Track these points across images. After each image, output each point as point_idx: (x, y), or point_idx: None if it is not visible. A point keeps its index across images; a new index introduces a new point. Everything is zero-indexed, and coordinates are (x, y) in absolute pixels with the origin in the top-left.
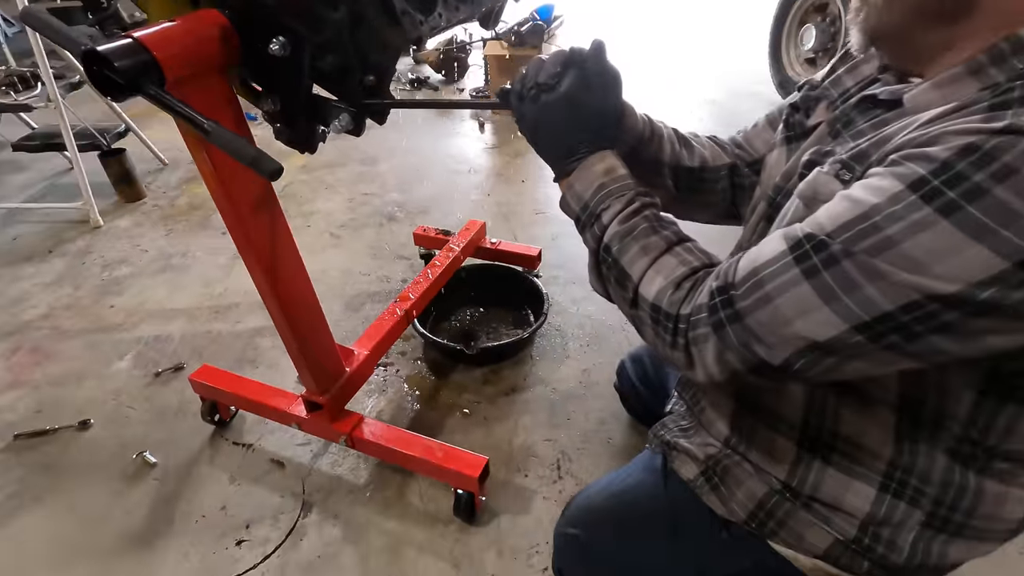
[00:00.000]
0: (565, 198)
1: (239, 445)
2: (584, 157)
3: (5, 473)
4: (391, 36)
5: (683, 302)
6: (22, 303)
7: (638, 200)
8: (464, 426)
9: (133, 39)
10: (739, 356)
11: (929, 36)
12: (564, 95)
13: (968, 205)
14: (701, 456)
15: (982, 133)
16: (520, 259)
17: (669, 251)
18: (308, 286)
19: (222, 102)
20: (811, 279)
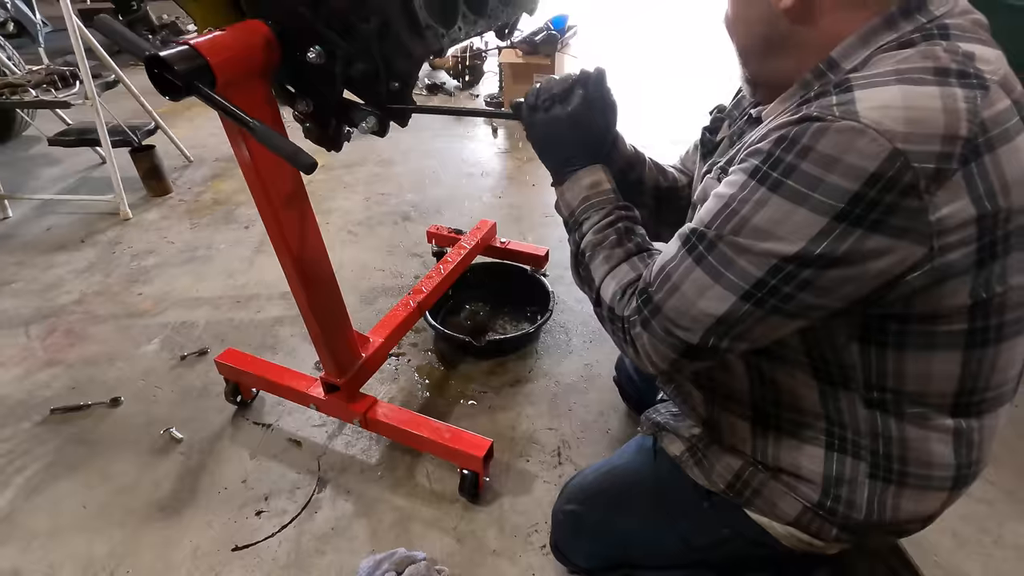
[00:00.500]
0: (557, 204)
1: (259, 425)
2: (577, 169)
3: (43, 444)
4: (415, 47)
5: (625, 306)
6: (56, 288)
7: (615, 213)
8: (470, 414)
9: (190, 46)
10: (668, 344)
11: (771, 68)
12: (568, 114)
13: (786, 179)
14: (687, 435)
15: (788, 125)
16: (529, 258)
17: (627, 260)
18: (331, 274)
19: (262, 103)
20: (700, 264)
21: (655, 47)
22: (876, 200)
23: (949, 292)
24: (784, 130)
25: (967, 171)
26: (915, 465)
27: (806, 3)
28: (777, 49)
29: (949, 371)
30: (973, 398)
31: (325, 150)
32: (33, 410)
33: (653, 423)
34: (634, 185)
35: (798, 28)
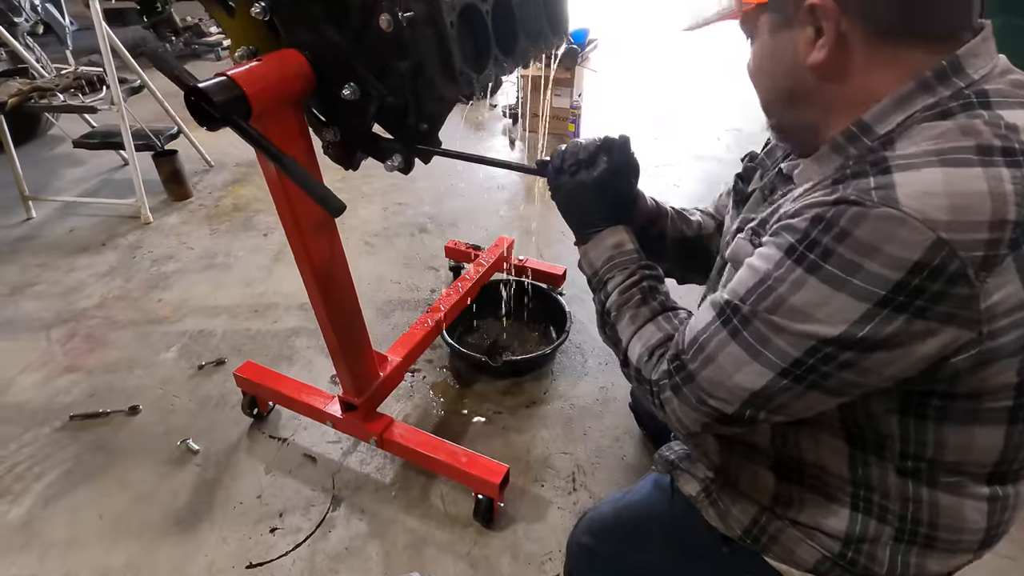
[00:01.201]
0: (580, 264)
1: (275, 439)
2: (601, 229)
3: (62, 450)
4: (447, 91)
5: (654, 369)
6: (78, 292)
7: (638, 273)
8: (485, 434)
9: (227, 77)
10: (701, 411)
11: (796, 120)
12: (594, 179)
13: (824, 263)
14: (701, 476)
15: (824, 205)
16: (546, 277)
17: (652, 320)
18: (354, 298)
19: (296, 134)
20: (736, 338)
21: (675, 60)
22: (921, 288)
23: (996, 372)
24: (820, 210)
25: (1018, 255)
26: (945, 531)
27: (836, 60)
28: (802, 103)
29: (991, 443)
30: (1013, 466)
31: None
32: (53, 416)
33: (667, 462)
34: (656, 240)
35: (826, 85)
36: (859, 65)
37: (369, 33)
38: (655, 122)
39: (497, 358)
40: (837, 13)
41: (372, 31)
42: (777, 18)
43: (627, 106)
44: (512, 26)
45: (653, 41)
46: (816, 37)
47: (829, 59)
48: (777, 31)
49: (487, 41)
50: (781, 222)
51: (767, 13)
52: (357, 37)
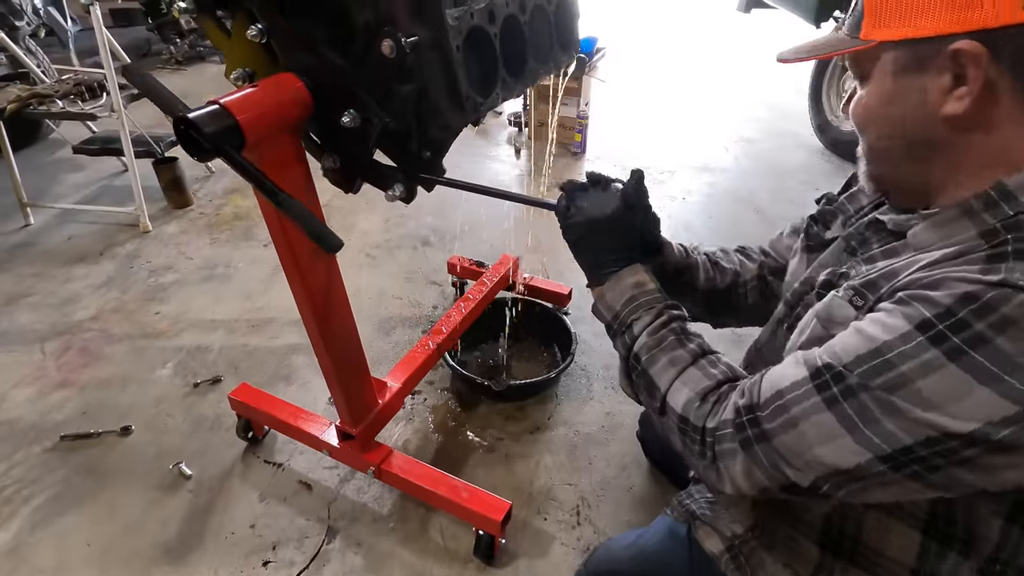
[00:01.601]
0: (597, 305)
1: (270, 464)
2: (617, 269)
3: (51, 473)
4: (452, 118)
5: (708, 415)
6: (73, 303)
7: (666, 313)
8: (486, 462)
9: (220, 105)
10: (768, 475)
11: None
12: (608, 216)
13: (972, 351)
14: (727, 533)
15: (980, 284)
16: (551, 296)
17: (695, 363)
18: (352, 328)
19: (291, 159)
20: (832, 408)
21: (681, 69)
22: None
23: None
24: (974, 288)
25: None
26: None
27: (978, 113)
28: (926, 157)
29: None
30: None
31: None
32: (44, 435)
33: (687, 511)
34: (684, 287)
35: (960, 139)
36: (1004, 121)
37: (371, 57)
38: (661, 131)
39: (500, 382)
40: (987, 60)
41: (374, 55)
42: (906, 58)
43: (634, 115)
44: (521, 47)
45: (660, 49)
46: (954, 85)
47: (971, 111)
48: (904, 73)
49: (495, 64)
50: (910, 290)
51: (893, 51)
52: (358, 61)
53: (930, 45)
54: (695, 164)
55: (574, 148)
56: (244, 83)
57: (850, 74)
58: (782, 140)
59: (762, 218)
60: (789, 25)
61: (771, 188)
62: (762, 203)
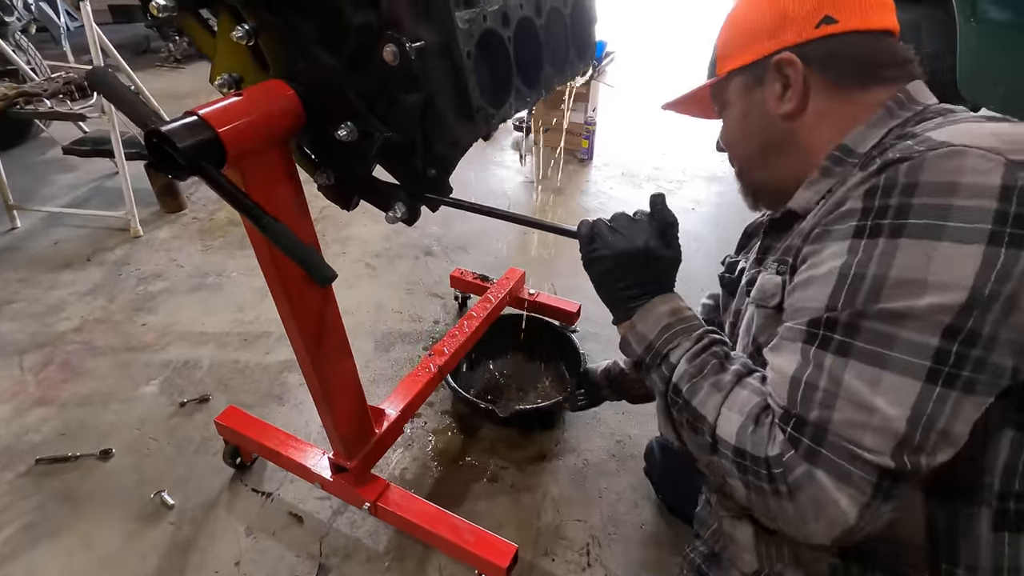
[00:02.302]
0: (627, 339)
1: (258, 492)
2: (647, 300)
3: (24, 500)
4: (461, 132)
5: (769, 443)
6: (57, 313)
7: (707, 337)
8: (490, 493)
9: (197, 117)
10: (854, 480)
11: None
12: (641, 246)
13: (906, 219)
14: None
15: (869, 179)
16: (559, 313)
17: (739, 383)
18: (348, 357)
19: (280, 176)
20: (850, 355)
21: (691, 74)
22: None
23: None
24: (868, 184)
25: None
26: None
27: (803, 104)
28: (779, 153)
29: None
30: None
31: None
32: (18, 458)
33: (692, 566)
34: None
35: (798, 127)
36: (824, 105)
37: (371, 63)
38: (669, 138)
39: (505, 407)
40: (805, 70)
41: (375, 61)
42: (749, 79)
43: (642, 121)
44: (536, 52)
45: (669, 54)
46: (783, 91)
47: (798, 106)
48: (748, 91)
49: (508, 71)
50: (821, 226)
51: (740, 76)
52: (356, 67)
53: (762, 64)
54: (704, 173)
55: (581, 154)
56: (230, 89)
57: None
58: None
59: None
60: None
61: None
62: None
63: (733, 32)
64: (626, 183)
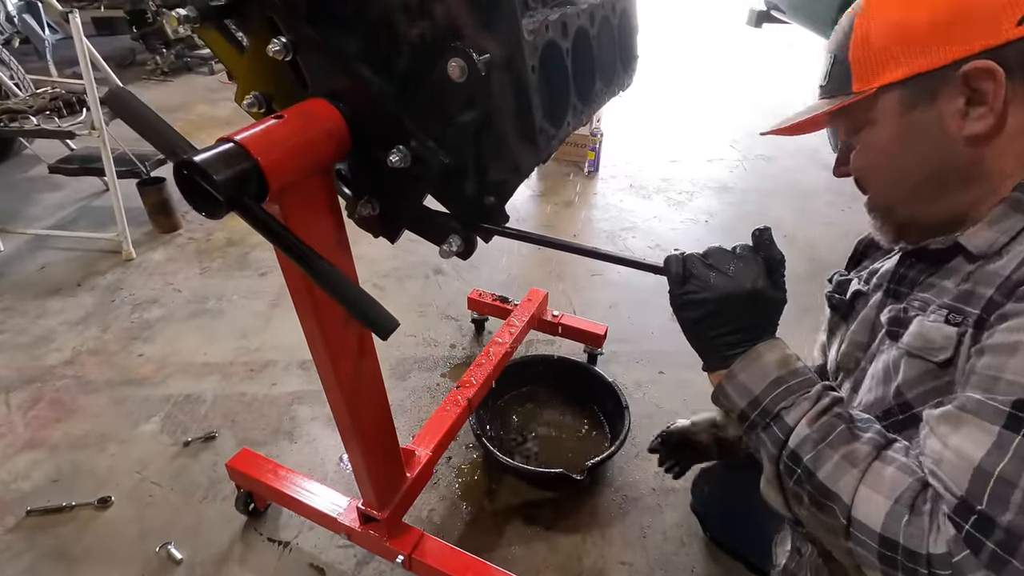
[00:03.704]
0: (724, 390)
1: (274, 542)
2: (750, 346)
3: (15, 559)
4: (522, 155)
5: (930, 533)
6: (47, 344)
7: (827, 396)
8: (525, 536)
9: (235, 143)
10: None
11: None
12: (751, 292)
13: None
14: None
15: None
16: (584, 336)
17: (880, 458)
18: (385, 402)
19: (322, 207)
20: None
21: (695, 85)
22: None
23: None
24: None
25: None
26: None
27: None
28: (956, 181)
29: None
30: None
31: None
32: (7, 509)
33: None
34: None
35: (984, 151)
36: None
37: (428, 79)
38: (676, 148)
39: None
40: (1004, 77)
41: (433, 77)
42: (914, 93)
43: (647, 131)
44: (590, 65)
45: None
46: (967, 106)
47: (994, 126)
48: (913, 109)
49: (566, 87)
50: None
51: (897, 91)
52: (409, 84)
53: (937, 75)
54: (714, 184)
55: (588, 167)
56: (260, 109)
57: None
58: (800, 158)
59: (789, 242)
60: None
61: (797, 209)
62: (788, 227)
63: (883, 35)
64: (635, 195)
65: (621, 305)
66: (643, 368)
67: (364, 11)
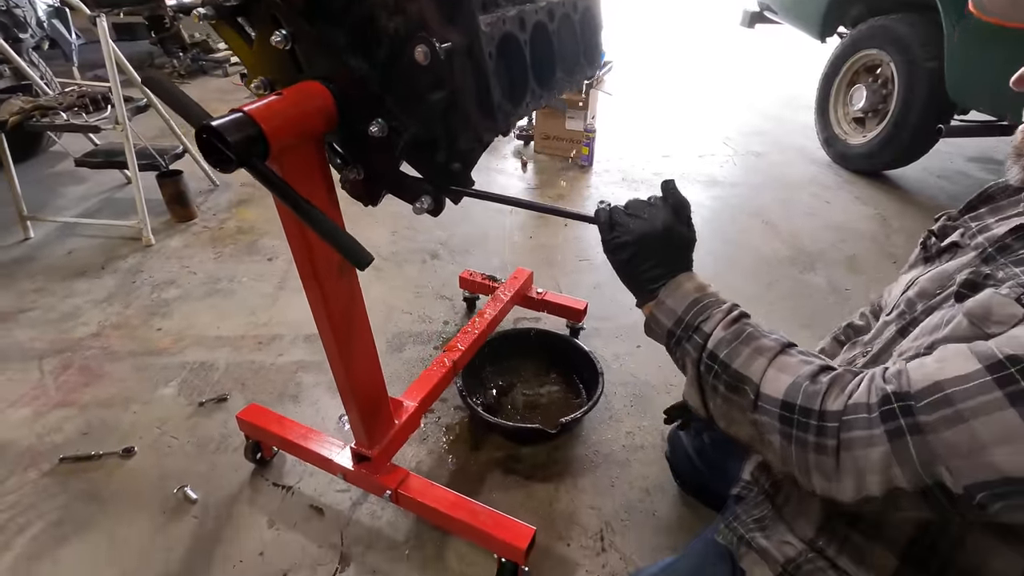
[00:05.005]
0: (654, 317)
1: (279, 486)
2: (672, 277)
3: (50, 499)
4: (482, 128)
5: (826, 395)
6: (73, 319)
7: (736, 310)
8: (504, 484)
9: (244, 113)
10: (911, 473)
11: None
12: (662, 227)
13: None
14: (779, 558)
15: None
16: (566, 311)
17: (784, 351)
18: (372, 346)
19: (315, 168)
20: (1017, 406)
21: (688, 83)
22: None
23: None
24: None
25: None
26: None
27: None
28: None
29: None
30: None
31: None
32: (42, 457)
33: (735, 534)
34: None
35: None
36: None
37: (401, 64)
38: (668, 144)
39: (548, 420)
40: None
41: (404, 61)
42: None
43: (640, 128)
44: (549, 56)
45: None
46: None
47: None
48: None
49: (524, 73)
50: None
51: None
52: (387, 68)
53: None
54: (703, 178)
55: (582, 161)
56: (266, 91)
57: (859, 87)
58: (789, 153)
59: (771, 231)
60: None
61: (781, 201)
62: (771, 217)
63: None
64: (626, 187)
65: (604, 286)
66: (622, 342)
67: (351, 8)
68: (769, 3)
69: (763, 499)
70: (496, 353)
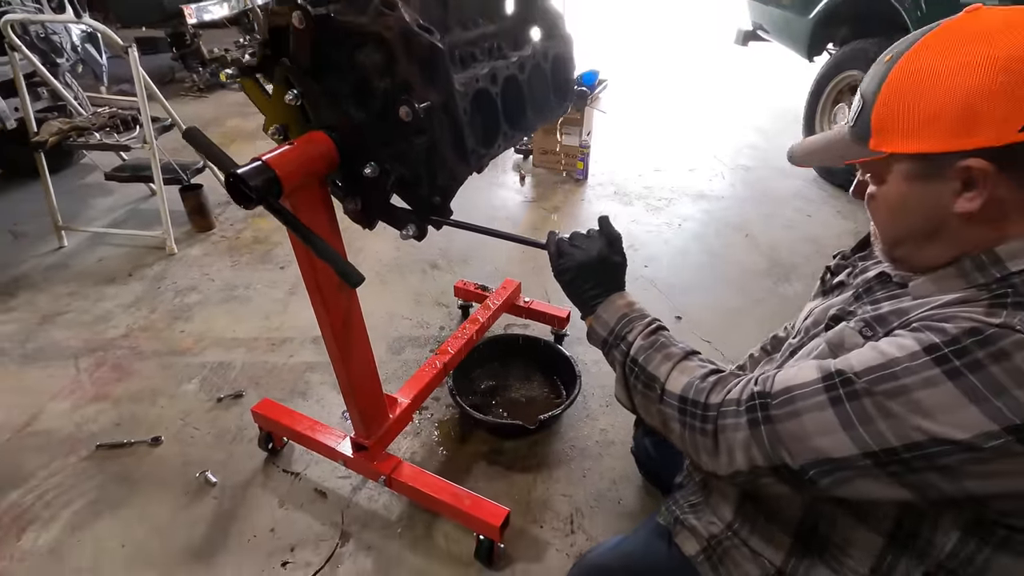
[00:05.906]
0: (593, 328)
1: (288, 473)
2: (607, 296)
3: (88, 480)
4: (459, 169)
5: (710, 392)
6: (105, 322)
7: (655, 323)
8: (488, 474)
9: (263, 162)
10: (764, 453)
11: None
12: (598, 254)
13: (969, 374)
14: (705, 534)
15: (984, 322)
16: (550, 319)
17: (687, 358)
18: (368, 349)
19: (319, 203)
20: (834, 407)
21: (681, 100)
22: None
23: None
24: (979, 324)
25: None
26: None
27: (987, 210)
28: (938, 241)
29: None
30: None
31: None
32: (80, 444)
33: (671, 515)
34: None
35: (969, 228)
36: (1006, 210)
37: (389, 118)
38: (660, 159)
39: (536, 423)
40: (995, 175)
41: (392, 116)
42: (919, 169)
43: (634, 144)
44: (521, 102)
45: (660, 81)
46: (963, 188)
47: (982, 209)
48: (917, 181)
49: (496, 120)
50: (924, 321)
51: (905, 162)
52: (378, 120)
53: (940, 159)
54: (692, 192)
55: (577, 175)
56: (281, 137)
57: (842, 106)
58: (777, 168)
59: (752, 243)
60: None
61: (764, 215)
62: (753, 230)
63: (903, 106)
64: (618, 201)
65: None
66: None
67: (350, 71)
68: (761, 23)
69: (697, 487)
70: (485, 356)
